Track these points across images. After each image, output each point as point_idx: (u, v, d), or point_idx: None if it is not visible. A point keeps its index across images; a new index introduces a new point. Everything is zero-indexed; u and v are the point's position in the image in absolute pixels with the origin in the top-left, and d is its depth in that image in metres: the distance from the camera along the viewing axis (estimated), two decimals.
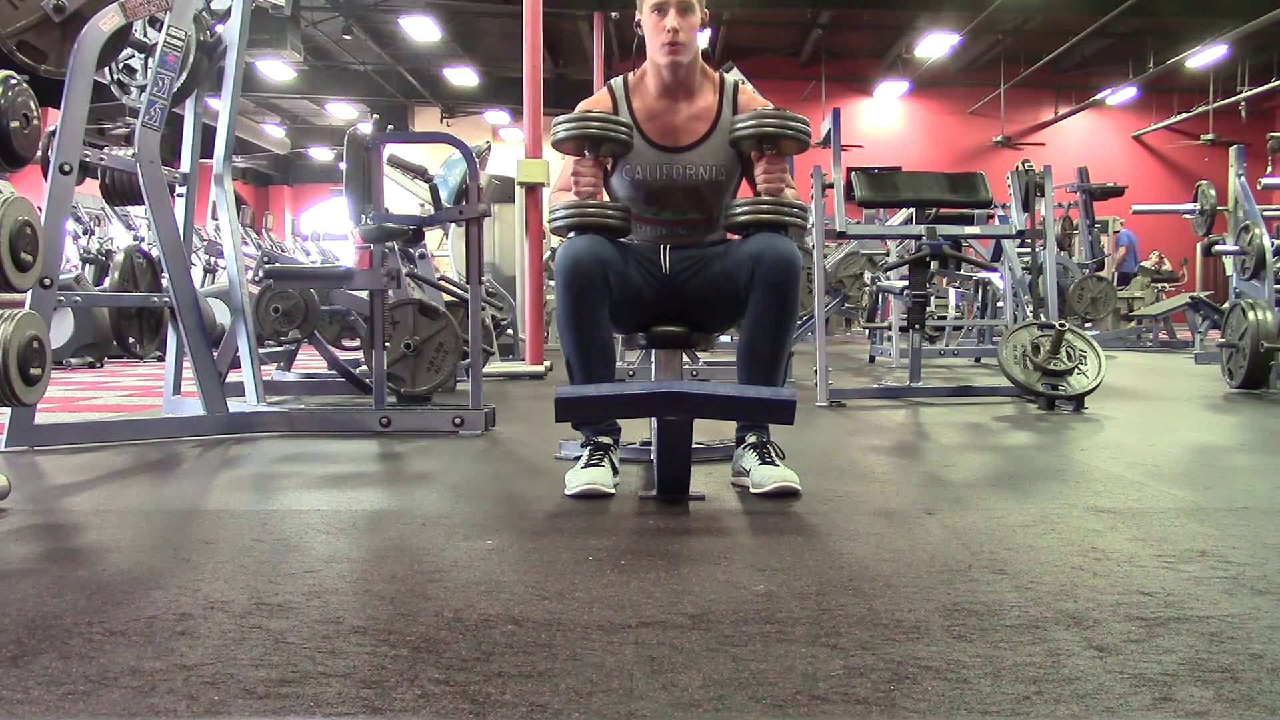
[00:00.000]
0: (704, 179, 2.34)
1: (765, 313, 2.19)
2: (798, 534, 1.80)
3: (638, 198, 2.36)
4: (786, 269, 2.15)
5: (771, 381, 2.23)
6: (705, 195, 2.36)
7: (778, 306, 2.18)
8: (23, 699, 1.02)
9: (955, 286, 7.96)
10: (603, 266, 2.16)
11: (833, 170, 4.36)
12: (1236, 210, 5.14)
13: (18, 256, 2.11)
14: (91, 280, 7.62)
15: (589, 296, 2.16)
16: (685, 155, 2.34)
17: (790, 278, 2.16)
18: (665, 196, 2.35)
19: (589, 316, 2.18)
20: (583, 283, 2.15)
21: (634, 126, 2.31)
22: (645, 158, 2.33)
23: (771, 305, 2.18)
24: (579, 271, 2.14)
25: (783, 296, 2.17)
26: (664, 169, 2.33)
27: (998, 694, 1.04)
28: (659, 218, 2.38)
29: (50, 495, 2.26)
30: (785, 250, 2.16)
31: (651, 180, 2.34)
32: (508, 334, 6.35)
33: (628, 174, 2.35)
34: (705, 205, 2.38)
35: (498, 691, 1.04)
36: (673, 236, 2.39)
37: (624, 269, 2.24)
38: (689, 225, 2.40)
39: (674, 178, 2.33)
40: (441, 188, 4.82)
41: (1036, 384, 3.90)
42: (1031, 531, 1.80)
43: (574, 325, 2.19)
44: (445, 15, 13.43)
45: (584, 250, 2.15)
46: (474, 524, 1.89)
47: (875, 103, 17.55)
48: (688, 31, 2.28)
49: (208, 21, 3.42)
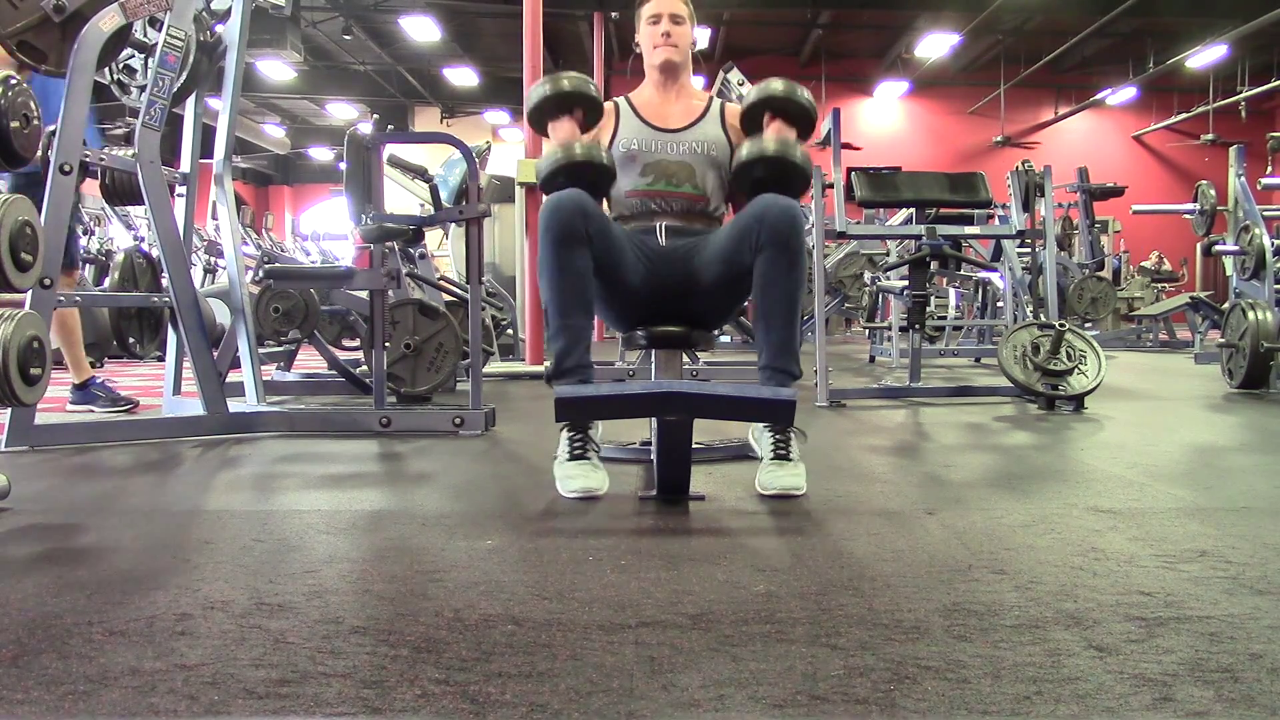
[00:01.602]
0: (696, 152, 2.44)
1: (775, 266, 2.19)
2: (798, 534, 1.80)
3: (632, 170, 2.43)
4: (792, 222, 2.17)
5: (790, 342, 2.23)
6: (697, 169, 2.42)
7: (787, 261, 2.19)
8: (23, 699, 1.02)
9: (955, 286, 7.96)
10: (584, 217, 2.17)
11: (833, 170, 4.36)
12: (1236, 210, 5.14)
13: (18, 256, 2.11)
14: (91, 280, 7.62)
15: (568, 242, 2.16)
16: (678, 134, 2.47)
17: (796, 230, 2.18)
18: (659, 167, 2.43)
19: (568, 262, 2.17)
20: (562, 228, 2.15)
21: (633, 114, 2.49)
22: (640, 133, 2.48)
23: (781, 258, 2.18)
24: (559, 217, 2.16)
25: (790, 251, 2.18)
26: (658, 143, 2.46)
27: (998, 694, 1.04)
28: (652, 188, 2.41)
29: (50, 495, 2.26)
30: (787, 205, 2.19)
31: (644, 151, 2.45)
32: (508, 334, 6.35)
33: (624, 147, 2.45)
34: (697, 180, 2.42)
35: (498, 691, 1.04)
36: (667, 213, 2.41)
37: (610, 234, 2.25)
38: (684, 200, 2.42)
39: (667, 151, 2.44)
40: (441, 188, 4.82)
41: (1036, 384, 3.90)
42: (1031, 531, 1.80)
43: (552, 270, 2.18)
44: (445, 15, 13.42)
45: (566, 199, 2.17)
46: (474, 524, 1.89)
47: (875, 103, 17.55)
48: (680, 36, 2.49)
49: (208, 21, 3.42)
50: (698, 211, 2.44)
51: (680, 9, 2.50)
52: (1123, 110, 17.60)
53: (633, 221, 2.44)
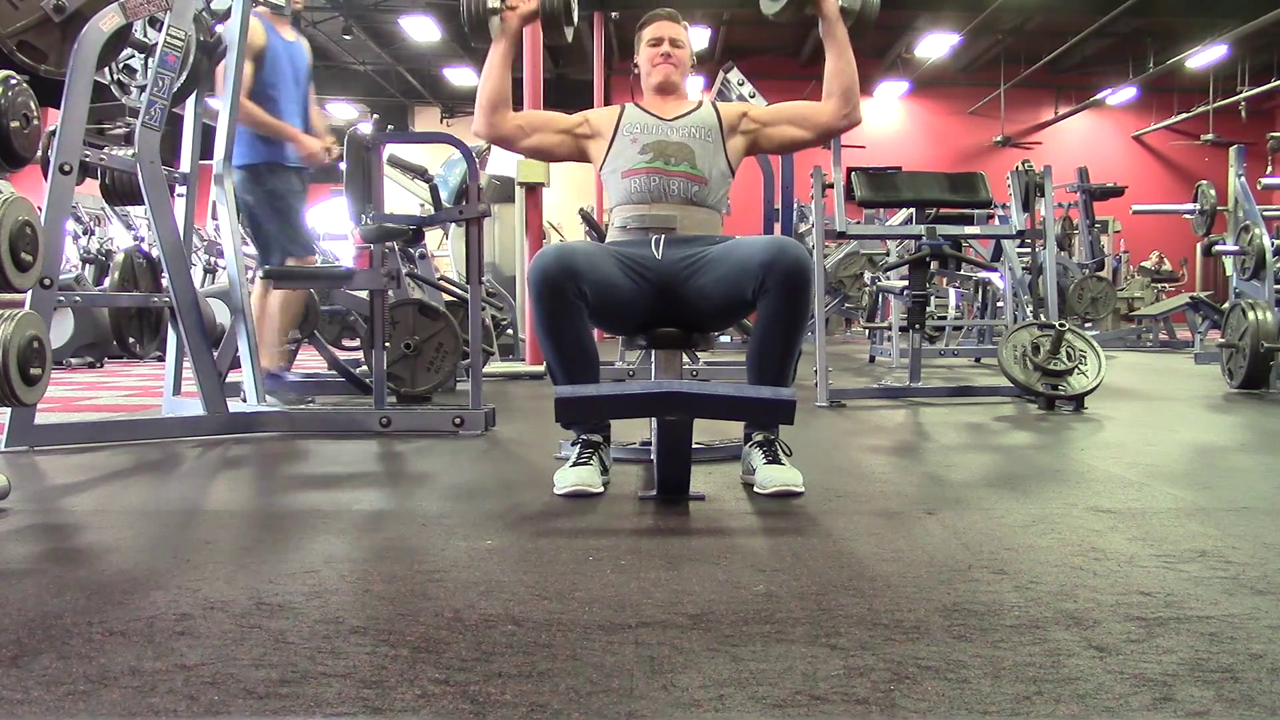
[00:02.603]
0: (694, 135, 2.46)
1: (779, 318, 2.20)
2: (798, 534, 1.80)
3: (632, 151, 2.44)
4: (800, 274, 2.16)
5: (780, 383, 2.23)
6: (695, 150, 2.43)
7: (792, 312, 2.19)
8: (23, 699, 1.02)
9: (955, 286, 7.96)
10: (573, 279, 2.16)
11: (833, 170, 4.36)
12: (1236, 210, 5.14)
13: (18, 256, 2.11)
14: (91, 280, 7.62)
15: (561, 308, 2.17)
16: (675, 120, 2.49)
17: (805, 283, 2.17)
18: (658, 146, 2.44)
19: (564, 327, 2.20)
20: (552, 296, 2.16)
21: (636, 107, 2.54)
22: (641, 118, 2.50)
23: (785, 310, 2.18)
24: (548, 284, 2.15)
25: (797, 303, 2.18)
26: (658, 126, 2.48)
27: (998, 694, 1.04)
28: (651, 165, 2.41)
29: (50, 495, 2.26)
30: (799, 257, 2.16)
31: (644, 132, 2.46)
32: (508, 334, 6.35)
33: (627, 131, 2.47)
34: (696, 162, 2.42)
35: (498, 691, 1.04)
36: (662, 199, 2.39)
37: (601, 276, 2.23)
38: (681, 180, 2.40)
39: (667, 134, 2.46)
40: (441, 188, 4.82)
41: (1036, 384, 3.90)
42: (1031, 531, 1.80)
43: (548, 335, 2.22)
44: (445, 15, 13.42)
45: (551, 263, 2.16)
46: (474, 524, 1.89)
47: (875, 103, 17.53)
48: (679, 58, 2.54)
49: (208, 21, 3.42)
50: (694, 196, 2.40)
51: (680, 34, 2.55)
52: (1123, 110, 17.60)
53: (630, 209, 2.41)
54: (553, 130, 2.52)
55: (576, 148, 2.53)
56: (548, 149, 2.53)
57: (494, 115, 2.44)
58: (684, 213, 2.39)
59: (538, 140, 2.50)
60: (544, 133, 2.51)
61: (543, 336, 2.24)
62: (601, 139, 2.49)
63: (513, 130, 2.47)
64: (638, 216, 2.39)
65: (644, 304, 2.31)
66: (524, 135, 2.49)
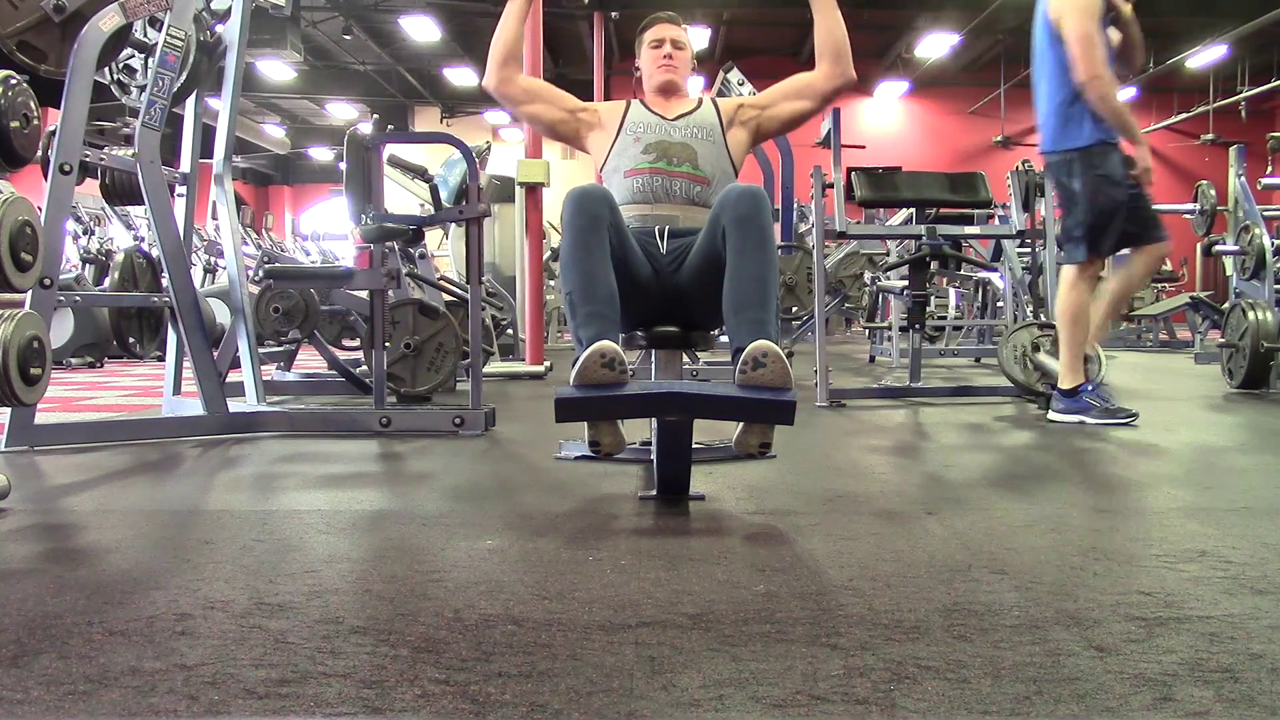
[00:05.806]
0: (696, 135, 2.47)
1: (741, 251, 2.08)
2: (798, 534, 1.80)
3: (634, 150, 2.44)
4: (746, 200, 2.08)
5: (764, 326, 2.04)
6: (698, 152, 2.43)
7: (750, 241, 2.07)
8: (23, 699, 1.02)
9: (955, 286, 7.95)
10: (609, 207, 2.15)
11: (833, 170, 4.36)
12: (1236, 210, 5.14)
13: (18, 256, 2.11)
14: (91, 280, 7.62)
15: (595, 228, 2.10)
16: (678, 120, 2.50)
17: (755, 210, 2.07)
18: (660, 146, 2.44)
19: (596, 246, 2.10)
20: (589, 214, 2.11)
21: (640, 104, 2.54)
22: (645, 117, 2.51)
23: (743, 241, 2.07)
24: (587, 205, 2.11)
25: (751, 230, 2.07)
26: (661, 126, 2.49)
27: (998, 694, 1.04)
28: (654, 165, 2.42)
29: (50, 495, 2.26)
30: (745, 189, 2.11)
31: (648, 131, 2.47)
32: (508, 334, 6.35)
33: (630, 130, 2.48)
34: (698, 162, 2.42)
35: (498, 691, 1.04)
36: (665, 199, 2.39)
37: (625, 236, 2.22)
38: (684, 181, 2.40)
39: (670, 134, 2.47)
40: (441, 188, 4.82)
41: (1036, 384, 3.90)
42: (1031, 531, 1.80)
43: (579, 255, 2.09)
44: (445, 15, 13.42)
45: (592, 188, 2.17)
46: (474, 524, 1.89)
47: (875, 103, 17.54)
48: (680, 60, 2.55)
49: (208, 21, 3.42)
50: (697, 197, 2.40)
51: (681, 37, 2.57)
52: None
53: (633, 208, 2.40)
54: (558, 106, 2.54)
55: (576, 132, 2.54)
56: (547, 122, 2.55)
57: (504, 69, 2.48)
58: (686, 213, 2.39)
59: (539, 109, 2.53)
60: (548, 105, 2.54)
61: (571, 254, 2.11)
62: (606, 133, 2.50)
63: (517, 92, 2.51)
64: (639, 216, 2.39)
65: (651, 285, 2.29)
66: (527, 100, 2.52)
